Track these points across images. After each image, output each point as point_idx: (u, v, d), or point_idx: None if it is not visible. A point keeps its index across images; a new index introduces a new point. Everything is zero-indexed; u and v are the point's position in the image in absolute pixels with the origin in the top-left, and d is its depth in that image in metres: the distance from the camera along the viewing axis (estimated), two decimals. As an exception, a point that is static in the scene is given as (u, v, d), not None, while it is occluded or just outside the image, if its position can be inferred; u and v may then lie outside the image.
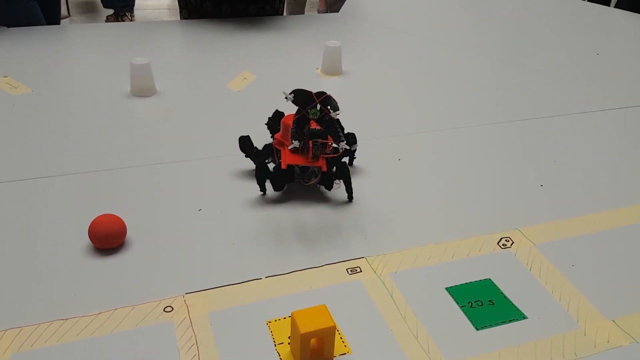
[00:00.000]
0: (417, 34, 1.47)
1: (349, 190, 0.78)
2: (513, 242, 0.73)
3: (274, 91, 1.13)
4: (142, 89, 1.07)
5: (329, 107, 0.71)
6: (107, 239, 0.68)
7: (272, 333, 0.59)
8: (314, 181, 0.76)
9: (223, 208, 0.77)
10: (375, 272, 0.68)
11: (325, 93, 0.72)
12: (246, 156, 0.83)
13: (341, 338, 0.59)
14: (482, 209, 0.80)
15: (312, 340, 0.55)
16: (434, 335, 0.60)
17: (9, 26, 1.35)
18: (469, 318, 0.62)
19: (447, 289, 0.66)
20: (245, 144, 0.83)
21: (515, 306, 0.64)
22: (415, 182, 0.85)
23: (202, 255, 0.69)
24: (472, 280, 0.67)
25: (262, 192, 0.79)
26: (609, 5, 2.19)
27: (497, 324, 0.61)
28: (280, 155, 0.77)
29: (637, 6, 1.70)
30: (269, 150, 0.81)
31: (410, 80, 1.22)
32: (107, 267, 0.66)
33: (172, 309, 0.61)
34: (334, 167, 0.77)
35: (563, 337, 0.60)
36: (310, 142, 0.73)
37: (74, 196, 0.78)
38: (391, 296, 0.64)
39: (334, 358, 0.57)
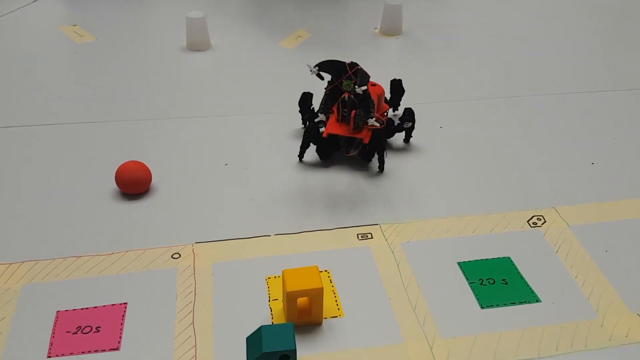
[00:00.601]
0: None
1: (381, 161, 0.75)
2: (545, 221, 0.68)
3: (328, 49, 1.11)
4: (197, 43, 1.09)
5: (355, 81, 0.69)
6: (132, 184, 0.71)
7: (269, 289, 0.60)
8: (353, 152, 0.74)
9: (251, 164, 0.78)
10: (386, 240, 0.66)
11: (357, 65, 0.69)
12: (300, 111, 0.82)
13: (336, 301, 0.58)
14: (518, 184, 0.75)
15: (300, 300, 0.54)
16: (433, 309, 0.57)
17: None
18: (475, 295, 0.59)
19: (459, 263, 0.63)
20: (306, 101, 0.81)
21: (530, 288, 0.60)
22: (452, 152, 0.81)
23: (219, 208, 0.70)
24: (490, 257, 0.63)
25: (299, 158, 0.78)
26: None
27: (505, 304, 0.58)
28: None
29: None
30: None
31: (473, 44, 1.14)
32: (128, 212, 0.69)
33: (180, 256, 0.63)
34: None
35: (576, 325, 0.56)
36: (353, 112, 0.71)
37: (118, 142, 0.82)
38: (397, 265, 0.62)
39: (325, 320, 0.56)
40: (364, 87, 0.68)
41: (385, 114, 0.80)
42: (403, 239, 0.66)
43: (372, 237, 0.66)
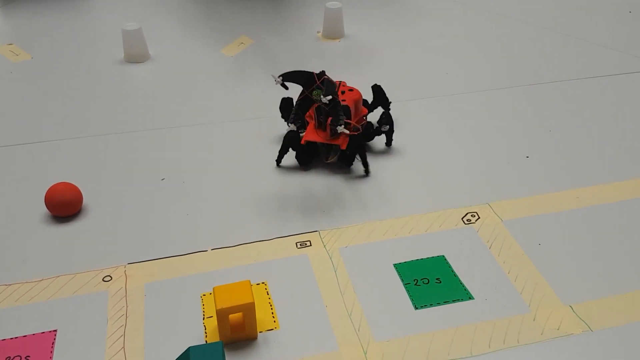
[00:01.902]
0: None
1: (365, 164, 0.75)
2: (479, 218, 0.69)
3: (271, 55, 1.11)
4: (135, 55, 1.07)
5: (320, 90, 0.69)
6: (62, 206, 0.69)
7: (204, 306, 0.59)
8: (332, 159, 0.74)
9: (189, 178, 0.77)
10: (324, 246, 0.66)
11: (324, 74, 0.70)
12: (282, 117, 0.82)
13: (272, 313, 0.58)
14: (454, 181, 0.75)
15: (233, 317, 0.54)
16: (368, 314, 0.57)
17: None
18: (410, 296, 0.59)
19: (395, 265, 0.63)
20: (286, 106, 0.80)
21: (463, 285, 0.60)
22: (391, 153, 0.81)
23: (153, 226, 0.69)
24: (425, 256, 0.64)
25: (277, 163, 0.78)
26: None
27: (438, 304, 0.58)
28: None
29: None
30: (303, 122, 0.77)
31: (413, 44, 1.15)
32: (60, 235, 0.68)
33: (111, 278, 0.62)
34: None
35: (509, 321, 0.57)
36: (329, 120, 0.71)
37: (49, 163, 0.80)
38: (335, 271, 0.62)
39: (260, 333, 0.56)
40: (329, 97, 0.68)
41: (365, 117, 0.79)
42: (341, 244, 0.66)
43: (310, 245, 0.66)
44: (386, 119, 0.78)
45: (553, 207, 0.71)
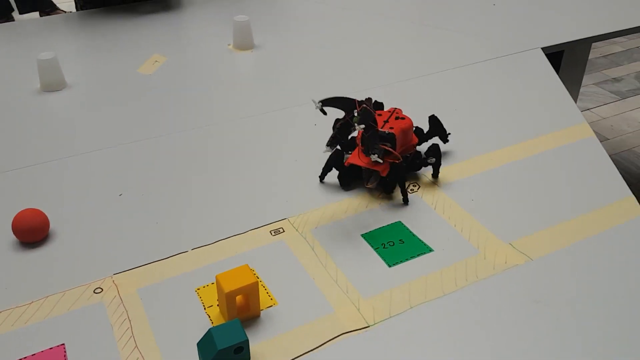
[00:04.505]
0: (323, 1, 1.51)
1: (404, 194, 0.76)
2: (419, 187, 0.80)
3: (187, 70, 1.15)
4: (52, 84, 1.06)
5: (354, 118, 0.70)
6: (31, 232, 0.69)
7: (202, 299, 0.63)
8: (372, 184, 0.75)
9: (144, 191, 0.79)
10: (297, 230, 0.72)
11: (364, 103, 0.70)
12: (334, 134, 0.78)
13: (267, 293, 0.64)
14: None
15: (238, 298, 0.59)
16: (351, 278, 0.65)
17: None
18: (382, 257, 0.68)
19: (362, 235, 0.72)
20: (344, 128, 0.76)
21: (422, 242, 0.70)
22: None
23: (127, 237, 0.71)
24: (385, 224, 0.73)
25: (320, 180, 0.80)
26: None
27: (407, 259, 0.68)
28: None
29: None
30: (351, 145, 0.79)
31: (320, 48, 1.25)
32: (35, 259, 0.68)
33: (102, 290, 0.64)
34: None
35: (465, 263, 0.67)
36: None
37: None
38: (313, 249, 0.69)
39: (262, 311, 0.61)
40: (362, 126, 0.69)
41: (414, 146, 0.81)
42: (311, 226, 0.73)
43: (284, 231, 0.72)
44: (434, 152, 0.79)
45: (474, 170, 0.83)
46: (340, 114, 0.73)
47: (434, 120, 0.84)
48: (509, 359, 0.56)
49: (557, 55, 1.47)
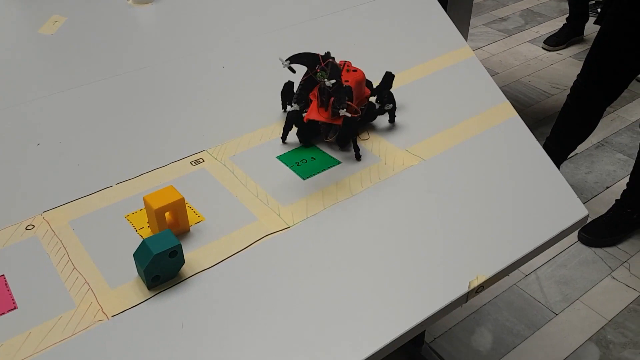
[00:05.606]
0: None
1: (356, 149, 0.78)
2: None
3: (88, 29, 1.15)
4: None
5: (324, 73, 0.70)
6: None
7: (132, 223, 0.68)
8: (331, 138, 0.76)
9: (61, 139, 0.82)
10: (216, 159, 0.78)
11: (329, 56, 0.72)
12: (283, 101, 0.84)
13: (194, 211, 0.69)
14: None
15: (167, 215, 0.64)
16: (270, 192, 0.72)
17: None
18: (296, 173, 0.75)
19: (277, 157, 0.78)
20: (289, 89, 0.81)
21: (331, 156, 0.78)
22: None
23: (51, 179, 0.74)
24: (296, 147, 0.80)
25: (282, 140, 0.80)
26: None
27: (319, 172, 0.75)
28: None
29: None
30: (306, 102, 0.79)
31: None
32: (-42, 209, 0.69)
33: (34, 226, 0.67)
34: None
35: (369, 170, 0.76)
36: (332, 99, 0.72)
37: None
38: (233, 173, 0.75)
39: (191, 226, 0.67)
40: (333, 81, 0.70)
41: (367, 98, 0.83)
42: (230, 154, 0.78)
43: (203, 161, 0.77)
44: (388, 98, 0.82)
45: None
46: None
47: (388, 77, 0.84)
48: (410, 234, 0.66)
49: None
